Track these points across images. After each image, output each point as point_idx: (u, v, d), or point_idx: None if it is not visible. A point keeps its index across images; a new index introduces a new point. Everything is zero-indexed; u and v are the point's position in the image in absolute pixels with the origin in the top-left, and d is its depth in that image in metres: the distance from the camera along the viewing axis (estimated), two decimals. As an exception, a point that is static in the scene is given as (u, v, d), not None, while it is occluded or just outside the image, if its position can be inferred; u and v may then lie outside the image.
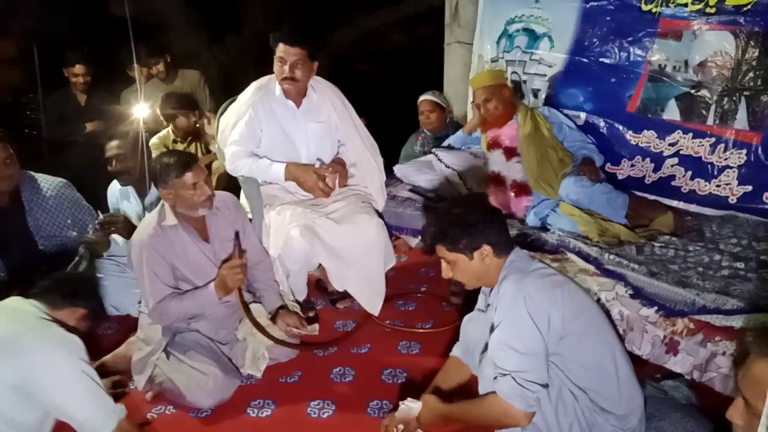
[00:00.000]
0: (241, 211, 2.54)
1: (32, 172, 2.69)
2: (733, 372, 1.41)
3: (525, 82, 3.62)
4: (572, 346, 1.72)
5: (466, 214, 1.82)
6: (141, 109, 3.82)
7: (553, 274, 1.80)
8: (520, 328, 1.67)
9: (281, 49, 2.65)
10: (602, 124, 3.32)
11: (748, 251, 2.54)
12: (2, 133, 2.50)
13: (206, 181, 2.27)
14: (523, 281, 1.73)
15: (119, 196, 2.83)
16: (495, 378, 1.70)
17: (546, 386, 1.69)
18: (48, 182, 2.69)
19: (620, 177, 3.27)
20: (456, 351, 2.14)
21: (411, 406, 1.92)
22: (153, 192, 2.81)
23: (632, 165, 3.24)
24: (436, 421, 1.89)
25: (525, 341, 1.67)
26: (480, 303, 2.08)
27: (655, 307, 2.25)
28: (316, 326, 2.61)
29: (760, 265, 2.40)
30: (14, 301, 1.77)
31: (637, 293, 2.32)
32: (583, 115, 3.38)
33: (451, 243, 1.80)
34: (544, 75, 3.53)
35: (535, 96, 3.58)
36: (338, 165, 2.87)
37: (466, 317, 2.13)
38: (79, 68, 4.09)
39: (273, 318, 2.49)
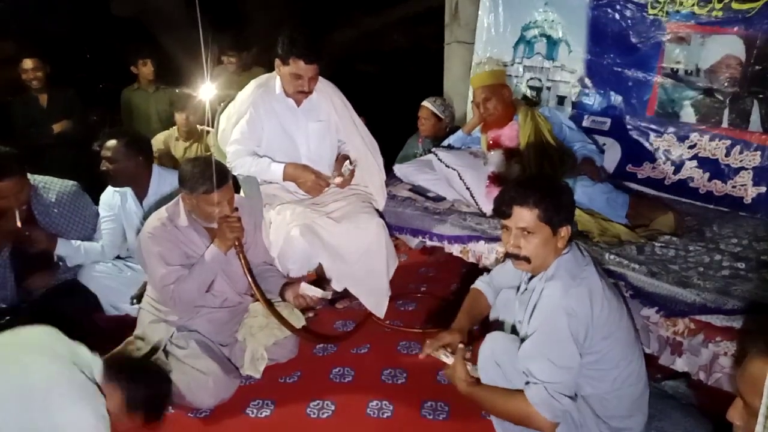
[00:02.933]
0: (253, 216, 2.54)
1: (40, 177, 2.68)
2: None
3: (549, 88, 3.64)
4: (590, 361, 1.72)
5: (569, 190, 1.80)
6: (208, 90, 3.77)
7: (600, 286, 1.73)
8: (559, 342, 1.66)
9: (299, 66, 2.62)
10: (627, 128, 3.35)
11: (748, 251, 2.54)
12: (17, 166, 2.42)
13: (230, 200, 2.26)
14: (570, 291, 1.68)
15: (120, 198, 2.80)
16: (527, 383, 1.69)
17: (574, 398, 1.69)
18: (56, 187, 2.68)
19: (640, 177, 3.30)
20: (480, 284, 2.17)
21: (444, 360, 1.92)
22: (151, 195, 2.79)
23: (653, 167, 3.26)
24: (460, 385, 1.85)
25: (563, 356, 1.66)
26: (514, 271, 1.98)
27: (656, 307, 2.25)
28: (329, 293, 2.58)
29: (760, 264, 2.40)
30: (78, 347, 1.64)
31: (638, 293, 2.32)
32: (608, 121, 3.41)
33: (549, 210, 1.72)
34: (568, 82, 3.56)
35: (561, 103, 3.60)
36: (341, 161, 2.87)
37: (499, 266, 2.16)
38: (28, 63, 3.91)
39: (281, 295, 2.47)
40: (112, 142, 2.67)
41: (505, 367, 1.78)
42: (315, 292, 2.40)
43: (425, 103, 3.80)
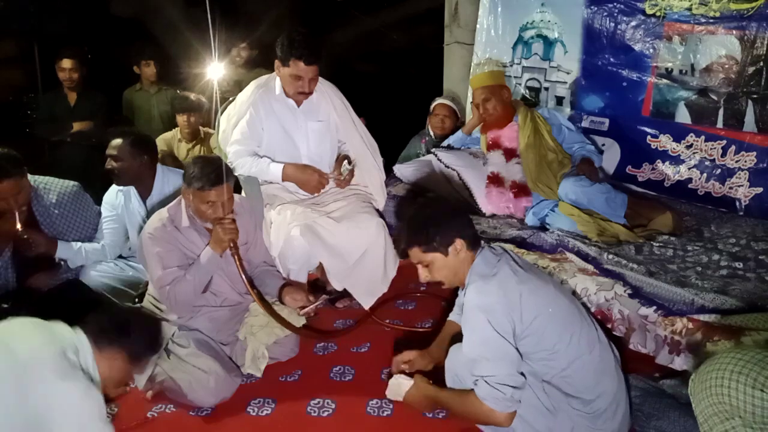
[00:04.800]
0: (253, 216, 2.55)
1: (41, 178, 2.69)
2: None
3: (547, 89, 3.65)
4: (534, 344, 1.77)
5: (433, 212, 1.91)
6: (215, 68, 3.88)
7: (513, 275, 1.81)
8: (485, 339, 1.74)
9: (300, 67, 2.63)
10: (623, 128, 3.38)
11: (746, 251, 2.55)
12: (16, 167, 2.43)
13: (225, 202, 2.26)
14: (482, 290, 1.77)
15: (123, 197, 2.82)
16: (475, 382, 1.76)
17: (520, 387, 1.74)
18: (56, 188, 2.69)
19: (640, 179, 3.31)
20: (452, 316, 2.25)
21: (401, 382, 2.00)
22: (155, 194, 2.81)
23: (653, 168, 3.27)
24: (423, 402, 1.97)
25: (493, 350, 1.73)
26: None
27: (654, 307, 2.26)
28: (324, 296, 2.62)
29: (758, 264, 2.42)
30: (59, 326, 1.66)
31: (636, 293, 2.33)
32: (607, 121, 3.44)
33: (426, 243, 1.85)
34: (565, 82, 3.57)
35: (560, 103, 3.61)
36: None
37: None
38: (66, 63, 4.02)
39: (279, 297, 2.48)
40: (117, 141, 2.69)
41: (463, 378, 1.88)
42: (311, 309, 2.47)
43: (444, 101, 3.76)
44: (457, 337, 2.09)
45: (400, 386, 2.00)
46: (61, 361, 1.58)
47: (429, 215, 1.90)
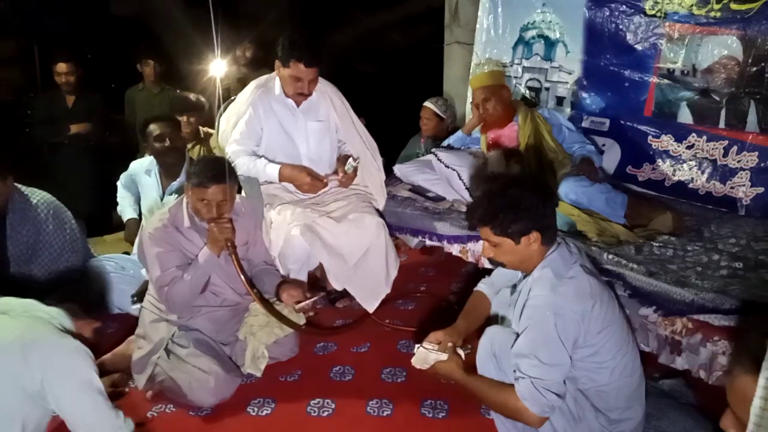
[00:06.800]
0: (253, 216, 2.55)
1: (26, 189, 2.54)
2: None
3: (548, 89, 3.65)
4: (588, 355, 1.74)
5: (520, 197, 1.74)
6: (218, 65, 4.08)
7: (588, 283, 1.74)
8: (546, 341, 1.68)
9: (299, 69, 2.64)
10: (624, 129, 3.37)
11: (746, 251, 2.55)
12: None
13: (219, 204, 2.26)
14: (557, 290, 1.70)
15: (143, 167, 3.01)
16: (516, 379, 1.71)
17: (562, 396, 1.70)
18: (39, 204, 2.52)
19: (640, 179, 3.31)
20: (482, 287, 2.17)
21: (429, 353, 1.91)
22: (179, 180, 2.87)
23: (653, 168, 3.27)
24: (447, 378, 1.89)
25: (550, 354, 1.68)
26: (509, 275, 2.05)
27: (654, 307, 2.26)
28: (321, 293, 2.62)
29: (758, 264, 2.41)
30: (33, 307, 1.76)
31: (636, 293, 2.33)
32: (607, 122, 3.44)
33: (500, 227, 1.75)
34: (566, 82, 3.57)
35: (560, 103, 3.61)
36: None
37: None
38: (61, 67, 4.03)
39: (276, 294, 2.48)
40: (163, 122, 3.06)
41: (502, 361, 1.81)
42: (307, 304, 2.44)
43: (427, 103, 3.81)
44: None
45: (427, 356, 1.91)
46: (51, 327, 1.72)
47: (513, 199, 1.73)
